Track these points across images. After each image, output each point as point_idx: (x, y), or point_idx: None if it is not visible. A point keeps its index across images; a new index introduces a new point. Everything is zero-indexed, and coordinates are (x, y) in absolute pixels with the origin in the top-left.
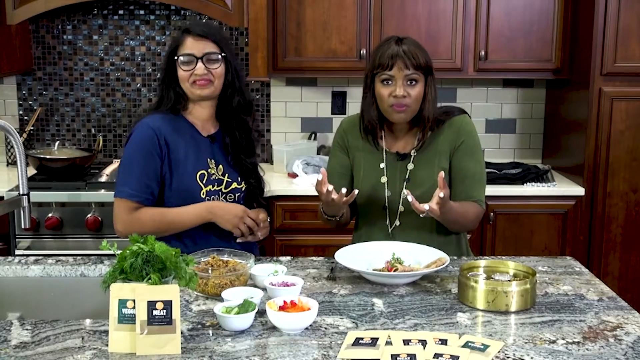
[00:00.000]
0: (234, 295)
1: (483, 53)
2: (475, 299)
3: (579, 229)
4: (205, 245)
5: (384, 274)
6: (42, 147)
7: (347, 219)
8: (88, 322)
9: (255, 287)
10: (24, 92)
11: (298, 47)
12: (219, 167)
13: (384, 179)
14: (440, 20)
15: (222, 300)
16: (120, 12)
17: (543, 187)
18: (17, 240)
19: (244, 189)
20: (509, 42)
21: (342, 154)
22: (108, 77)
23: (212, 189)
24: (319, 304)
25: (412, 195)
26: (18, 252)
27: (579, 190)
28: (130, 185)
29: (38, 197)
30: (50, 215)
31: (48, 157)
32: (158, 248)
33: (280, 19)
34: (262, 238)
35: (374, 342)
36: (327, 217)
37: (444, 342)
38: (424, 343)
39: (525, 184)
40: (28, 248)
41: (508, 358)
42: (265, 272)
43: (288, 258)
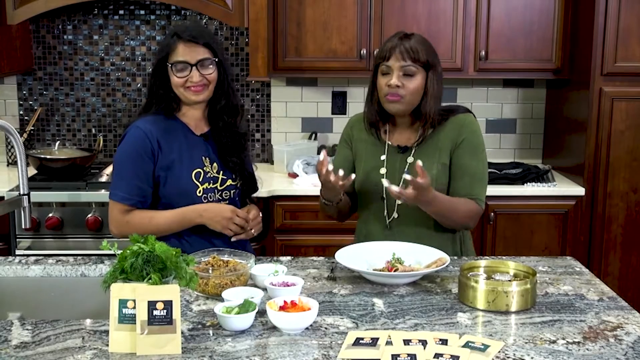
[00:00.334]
0: (234, 295)
1: (483, 53)
2: (476, 299)
3: (579, 229)
4: (202, 243)
5: (384, 274)
6: (42, 147)
7: (345, 207)
8: (88, 322)
9: (256, 287)
10: (25, 92)
11: (298, 47)
12: (214, 165)
13: (383, 170)
14: (441, 20)
15: (222, 300)
16: (121, 12)
17: (543, 187)
18: (17, 240)
19: (239, 186)
20: (509, 42)
21: (346, 149)
22: (108, 77)
23: (208, 187)
24: (319, 304)
25: (388, 181)
26: (18, 252)
27: (579, 190)
28: (122, 189)
29: (38, 197)
30: (51, 215)
31: (48, 157)
32: (158, 248)
33: (281, 19)
34: (255, 234)
35: (374, 342)
36: (324, 201)
37: (444, 342)
38: (424, 343)
39: (526, 184)
40: (28, 248)
41: (508, 358)
42: (266, 272)
43: (288, 258)
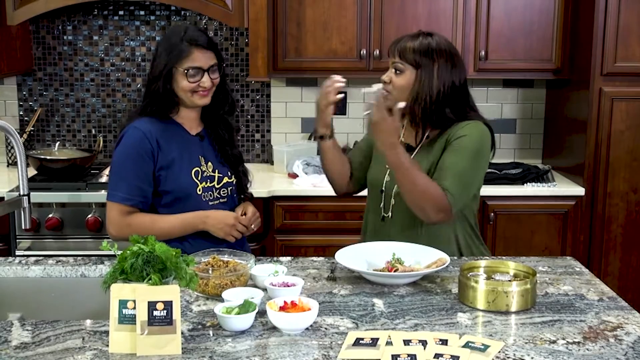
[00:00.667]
0: (235, 296)
1: (483, 53)
2: (476, 299)
3: (579, 229)
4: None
5: (384, 274)
6: (42, 147)
7: (340, 166)
8: (88, 322)
9: (256, 287)
10: (25, 92)
11: (298, 47)
12: (209, 164)
13: (387, 166)
14: (441, 20)
15: (222, 301)
16: (121, 12)
17: (543, 187)
18: (17, 241)
19: (235, 182)
20: (509, 42)
21: (370, 137)
22: (108, 77)
23: (206, 186)
24: (320, 304)
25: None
26: (18, 252)
27: (579, 191)
28: (123, 189)
29: (38, 197)
30: (51, 216)
31: (48, 157)
32: (158, 248)
33: (281, 19)
34: (255, 229)
35: (375, 342)
36: (316, 135)
37: (445, 342)
38: (425, 343)
39: (526, 184)
40: (28, 249)
41: (508, 358)
42: (266, 272)
43: (288, 258)
